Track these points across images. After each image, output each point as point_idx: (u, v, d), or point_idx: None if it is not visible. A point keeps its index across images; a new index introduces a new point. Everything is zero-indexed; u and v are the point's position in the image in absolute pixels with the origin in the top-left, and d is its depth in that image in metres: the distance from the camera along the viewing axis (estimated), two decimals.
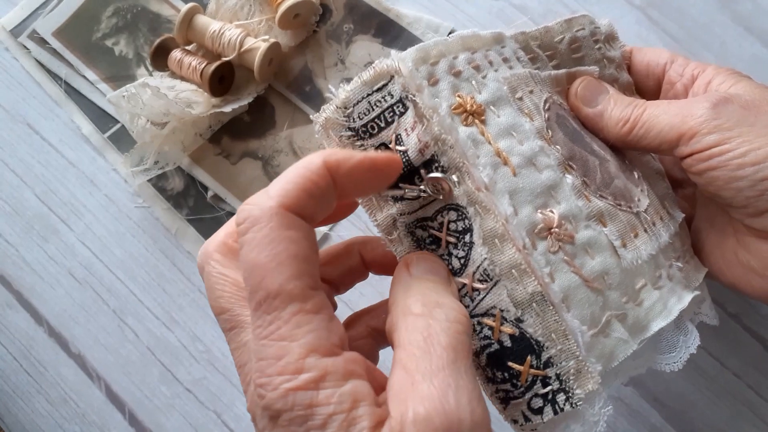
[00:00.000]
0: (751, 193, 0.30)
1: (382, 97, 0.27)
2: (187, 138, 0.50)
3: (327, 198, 0.23)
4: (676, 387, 0.43)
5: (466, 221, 0.26)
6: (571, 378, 0.25)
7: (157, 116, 0.47)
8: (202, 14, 0.50)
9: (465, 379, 0.21)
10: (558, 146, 0.30)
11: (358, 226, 0.48)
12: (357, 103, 0.27)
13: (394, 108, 0.27)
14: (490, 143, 0.27)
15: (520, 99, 0.30)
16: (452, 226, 0.27)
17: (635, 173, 0.34)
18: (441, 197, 0.27)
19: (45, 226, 0.51)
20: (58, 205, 0.51)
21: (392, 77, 0.27)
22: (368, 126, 0.27)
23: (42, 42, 0.53)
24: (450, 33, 0.48)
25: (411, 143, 0.26)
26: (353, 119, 0.27)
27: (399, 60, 0.27)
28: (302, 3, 0.48)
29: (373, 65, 0.27)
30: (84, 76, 0.53)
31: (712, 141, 0.30)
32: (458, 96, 0.28)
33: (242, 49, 0.48)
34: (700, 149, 0.31)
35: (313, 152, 0.50)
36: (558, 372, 0.25)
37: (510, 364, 0.26)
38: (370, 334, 0.30)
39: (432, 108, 0.26)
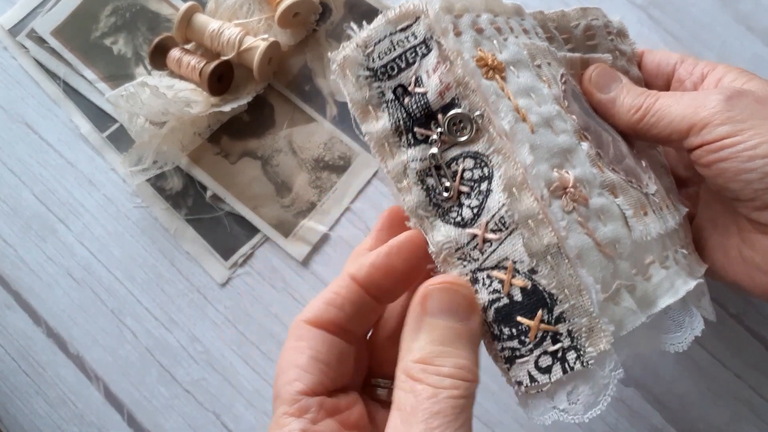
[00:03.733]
0: (759, 185, 0.30)
1: (406, 38, 0.26)
2: (186, 137, 0.50)
3: (359, 304, 0.27)
4: (678, 388, 0.43)
5: (485, 169, 0.25)
6: (583, 335, 0.24)
7: (155, 115, 0.47)
8: (201, 13, 0.50)
9: None
10: (574, 116, 0.30)
11: (357, 226, 0.48)
12: (379, 42, 0.26)
13: (417, 49, 0.26)
14: (510, 99, 0.26)
15: (539, 66, 0.30)
16: (467, 174, 0.26)
17: (643, 162, 0.34)
18: (459, 141, 0.26)
19: (43, 226, 0.51)
20: (57, 204, 0.51)
21: (417, 18, 0.26)
22: (388, 66, 0.26)
23: (40, 41, 0.53)
24: None
25: (431, 84, 0.26)
26: (373, 59, 0.26)
27: (426, 2, 0.26)
28: (302, 2, 0.48)
29: (399, 5, 0.26)
30: (82, 76, 0.52)
31: (724, 132, 0.30)
32: (480, 50, 0.27)
33: (241, 48, 0.48)
34: (711, 140, 0.30)
35: (312, 150, 0.51)
36: (570, 328, 0.24)
37: (519, 318, 0.25)
38: None
39: (456, 51, 0.26)
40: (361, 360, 0.30)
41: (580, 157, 0.28)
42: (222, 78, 0.49)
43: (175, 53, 0.49)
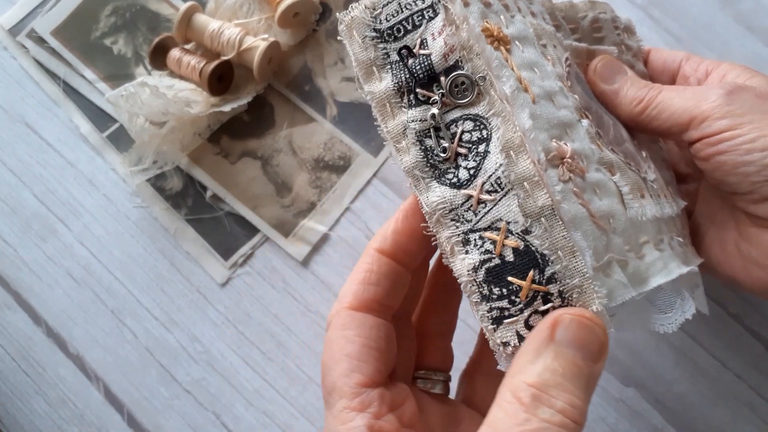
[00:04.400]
0: (757, 178, 0.30)
1: (413, 1, 0.27)
2: (186, 137, 0.50)
3: (392, 275, 0.27)
4: (678, 388, 0.43)
5: (484, 131, 0.26)
6: (574, 296, 0.24)
7: (155, 115, 0.47)
8: (202, 13, 0.50)
9: None
10: (576, 96, 0.30)
11: (357, 226, 0.48)
12: (387, 4, 0.27)
13: (424, 12, 0.27)
14: (513, 69, 0.27)
15: (544, 46, 0.30)
16: (465, 136, 0.26)
17: (643, 152, 0.34)
18: (460, 103, 0.27)
19: (43, 226, 0.51)
20: (57, 205, 0.51)
21: None
22: (394, 28, 0.27)
23: (40, 41, 0.53)
24: None
25: (436, 47, 0.27)
26: (380, 20, 0.27)
27: None
28: (302, 2, 0.48)
29: None
30: (83, 76, 0.52)
31: (723, 126, 0.30)
32: (486, 22, 0.27)
33: (241, 48, 0.48)
34: (711, 134, 0.31)
35: (312, 150, 0.51)
36: (561, 289, 0.24)
37: (510, 279, 0.25)
38: None
39: (463, 16, 0.26)
40: (408, 349, 0.30)
41: (580, 132, 0.28)
42: (222, 78, 0.49)
43: (175, 53, 0.49)
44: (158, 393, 0.47)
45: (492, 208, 0.25)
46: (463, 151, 0.26)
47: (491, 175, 0.25)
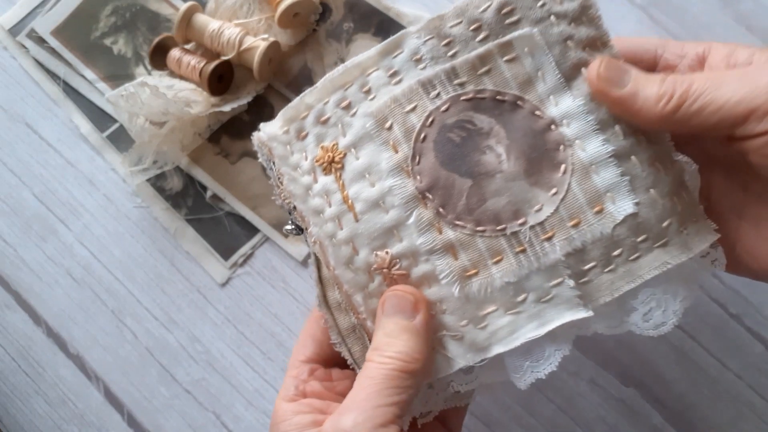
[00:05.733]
0: None
1: (263, 154, 0.35)
2: (186, 137, 0.50)
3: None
4: (678, 388, 0.43)
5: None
6: None
7: (155, 115, 0.47)
8: (202, 13, 0.50)
9: (372, 407, 0.29)
10: (419, 176, 0.31)
11: None
12: (260, 146, 0.35)
13: (270, 164, 0.34)
14: (341, 190, 0.32)
15: (390, 128, 0.31)
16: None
17: (563, 167, 0.31)
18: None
19: (43, 226, 0.51)
20: (57, 204, 0.51)
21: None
22: (269, 166, 0.35)
23: (40, 41, 0.53)
24: None
25: (279, 192, 0.34)
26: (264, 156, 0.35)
27: (263, 128, 0.34)
28: (302, 2, 0.48)
29: (256, 131, 0.35)
30: (83, 76, 0.52)
31: None
32: (321, 147, 0.32)
33: (241, 48, 0.48)
34: None
35: None
36: None
37: (349, 363, 0.34)
38: None
39: (279, 176, 0.34)
40: None
41: (409, 228, 0.31)
42: (222, 78, 0.49)
43: (175, 53, 0.49)
44: (158, 393, 0.47)
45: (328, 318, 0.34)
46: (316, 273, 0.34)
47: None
